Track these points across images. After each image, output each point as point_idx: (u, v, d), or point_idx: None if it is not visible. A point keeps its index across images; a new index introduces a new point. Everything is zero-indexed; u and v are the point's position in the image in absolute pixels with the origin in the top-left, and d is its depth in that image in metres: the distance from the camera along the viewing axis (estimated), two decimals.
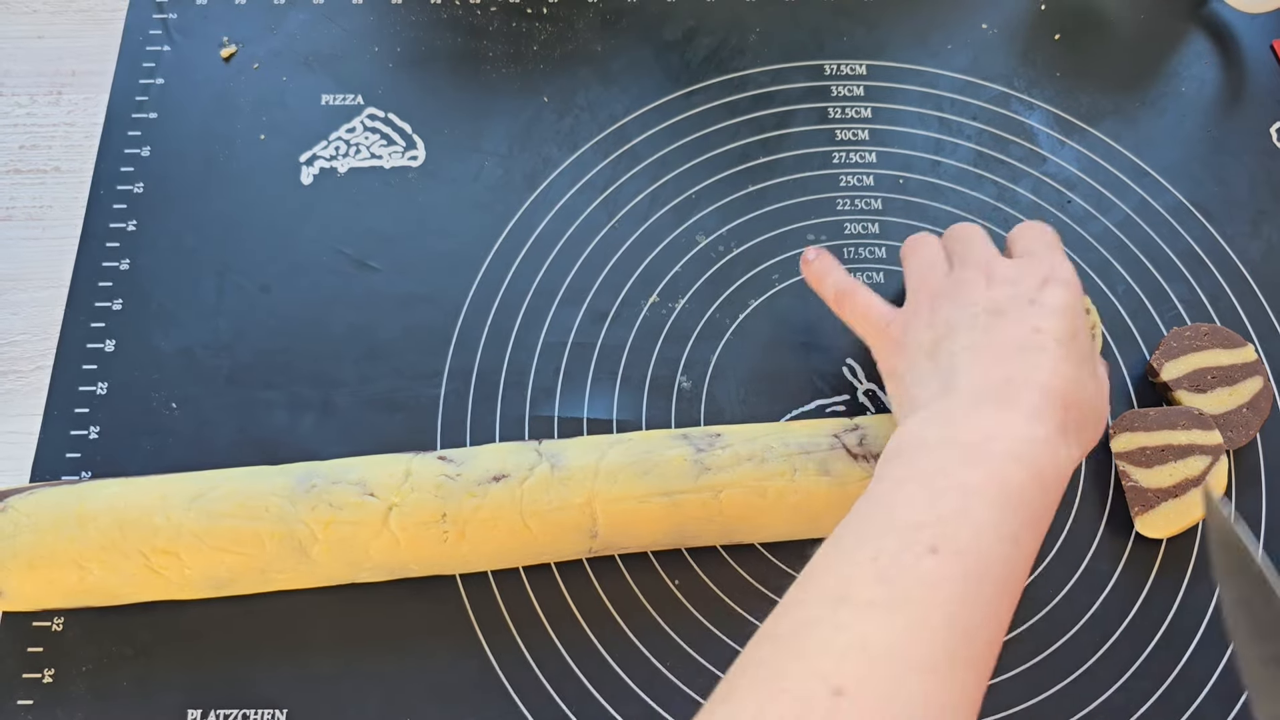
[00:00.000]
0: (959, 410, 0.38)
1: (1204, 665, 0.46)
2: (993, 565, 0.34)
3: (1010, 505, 0.35)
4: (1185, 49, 0.61)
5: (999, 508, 0.35)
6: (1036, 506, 0.36)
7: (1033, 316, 0.40)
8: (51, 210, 0.56)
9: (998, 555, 0.34)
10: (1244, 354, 0.50)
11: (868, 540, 0.35)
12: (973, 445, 0.36)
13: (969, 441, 0.37)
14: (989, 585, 0.34)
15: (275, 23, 0.61)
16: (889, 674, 0.31)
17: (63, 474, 0.50)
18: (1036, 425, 0.37)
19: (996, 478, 0.35)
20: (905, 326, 0.44)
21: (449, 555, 0.44)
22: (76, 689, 0.45)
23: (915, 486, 0.36)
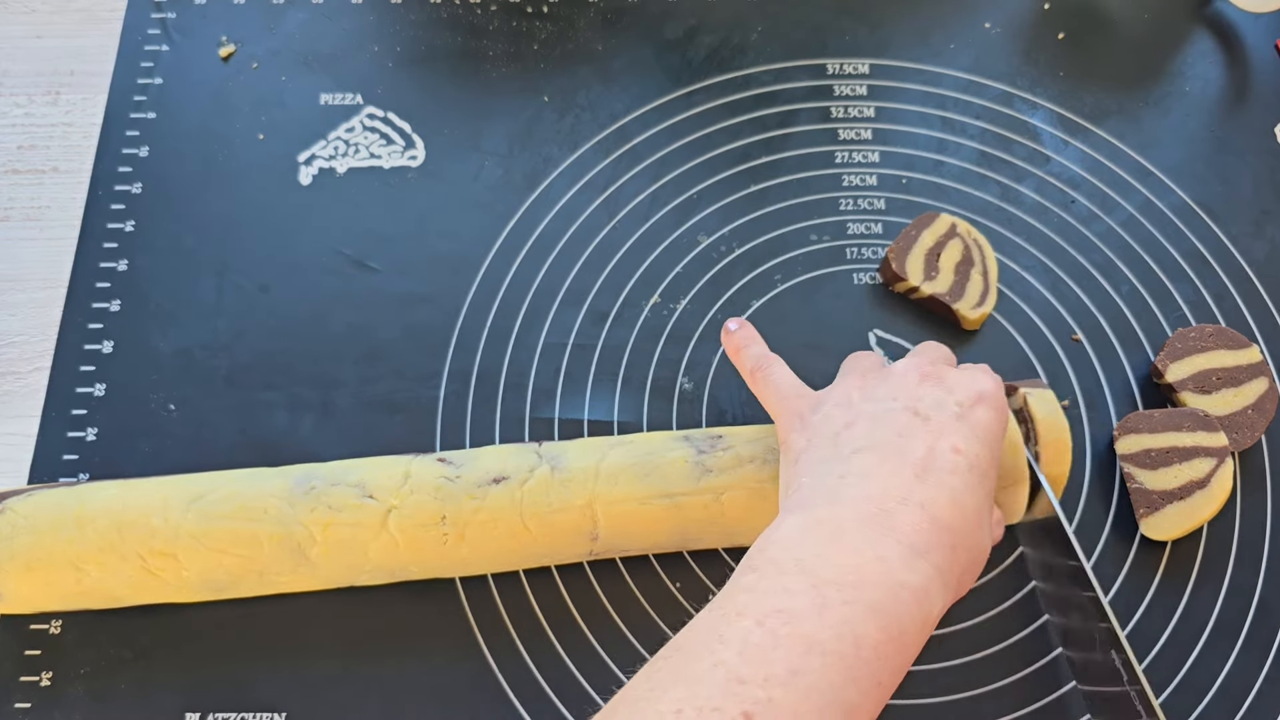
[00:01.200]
0: (840, 528, 0.34)
1: (1209, 669, 0.46)
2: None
3: (856, 670, 0.31)
4: (1189, 48, 0.60)
5: (841, 672, 0.31)
6: (888, 667, 0.32)
7: (955, 433, 0.37)
8: (49, 210, 0.56)
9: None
10: (1249, 355, 0.50)
11: (680, 682, 0.31)
12: (833, 585, 0.32)
13: (830, 579, 0.33)
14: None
15: (274, 22, 0.61)
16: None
17: (60, 476, 0.49)
18: (916, 565, 0.33)
19: (849, 635, 0.31)
20: (817, 403, 0.40)
21: (448, 557, 0.44)
22: (74, 692, 0.45)
23: (751, 623, 0.32)
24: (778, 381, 0.43)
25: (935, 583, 0.34)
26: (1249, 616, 0.47)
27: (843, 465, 0.37)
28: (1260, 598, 0.47)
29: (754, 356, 0.45)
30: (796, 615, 0.32)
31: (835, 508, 0.35)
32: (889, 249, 0.53)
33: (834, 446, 0.38)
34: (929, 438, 0.37)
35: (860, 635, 0.32)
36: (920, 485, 0.35)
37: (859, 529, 0.34)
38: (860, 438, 0.37)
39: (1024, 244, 0.55)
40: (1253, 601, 0.47)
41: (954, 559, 0.35)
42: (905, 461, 0.36)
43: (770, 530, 0.36)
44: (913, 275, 0.52)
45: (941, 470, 0.36)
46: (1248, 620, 0.47)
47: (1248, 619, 0.47)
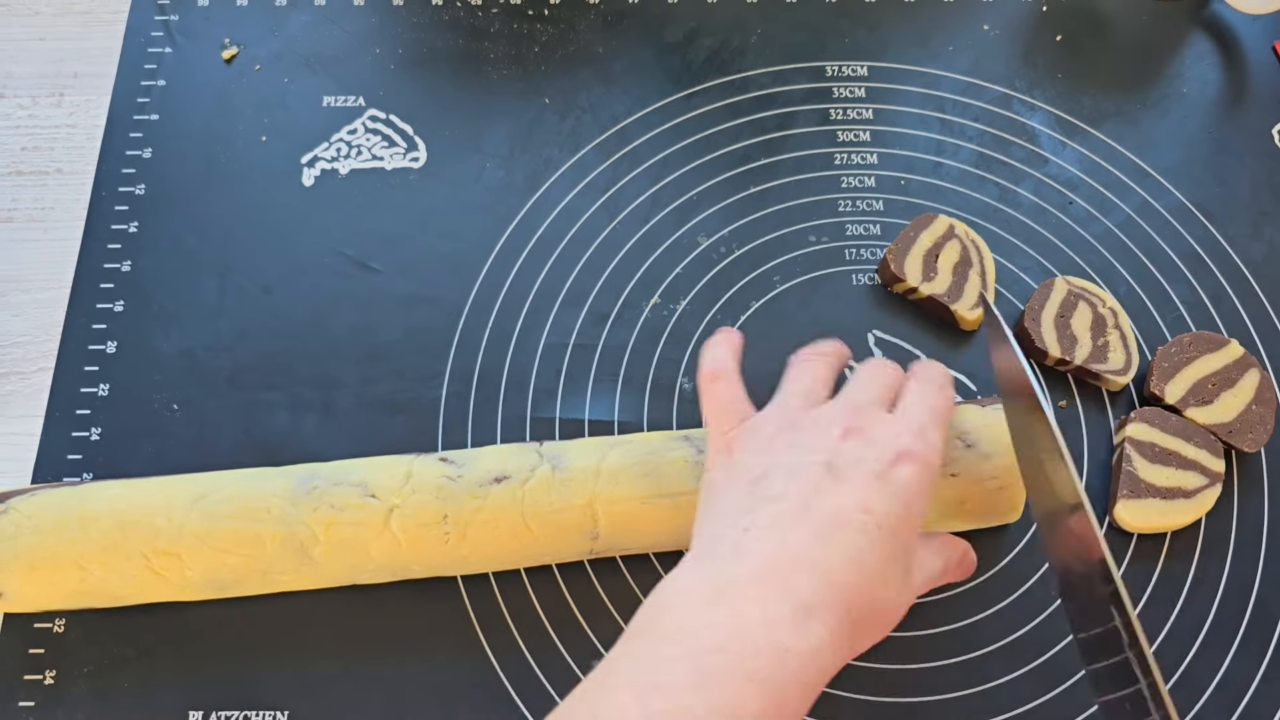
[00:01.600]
0: (732, 588, 0.34)
1: (1207, 666, 0.46)
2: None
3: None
4: (1187, 50, 0.61)
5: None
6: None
7: (868, 491, 0.36)
8: (53, 212, 0.56)
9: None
10: (1231, 351, 0.50)
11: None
12: (714, 653, 0.32)
13: (715, 645, 0.32)
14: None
15: (277, 24, 0.61)
16: None
17: (64, 475, 0.50)
18: (808, 625, 0.33)
19: (727, 707, 0.31)
20: (744, 439, 0.40)
21: (450, 556, 0.44)
22: (78, 690, 0.45)
23: (630, 699, 0.32)
24: (722, 400, 0.42)
25: (826, 644, 0.34)
26: (1247, 614, 0.47)
27: (748, 516, 0.36)
28: (1258, 596, 0.47)
29: (715, 361, 0.43)
30: (673, 690, 0.32)
31: (732, 563, 0.35)
32: (887, 250, 0.53)
33: (748, 496, 0.37)
34: (840, 498, 0.36)
35: (738, 707, 0.31)
36: (819, 545, 0.35)
37: (753, 589, 0.34)
38: (773, 487, 0.37)
39: (1022, 245, 0.55)
40: (1250, 599, 0.47)
41: (848, 620, 0.35)
42: (810, 519, 0.36)
43: (667, 582, 0.36)
44: (911, 276, 0.52)
45: (847, 530, 0.35)
46: (1245, 618, 0.47)
47: (1245, 617, 0.47)
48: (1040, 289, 0.52)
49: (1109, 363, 0.50)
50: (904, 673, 0.46)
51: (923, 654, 0.46)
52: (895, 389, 0.41)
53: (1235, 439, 0.48)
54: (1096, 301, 0.52)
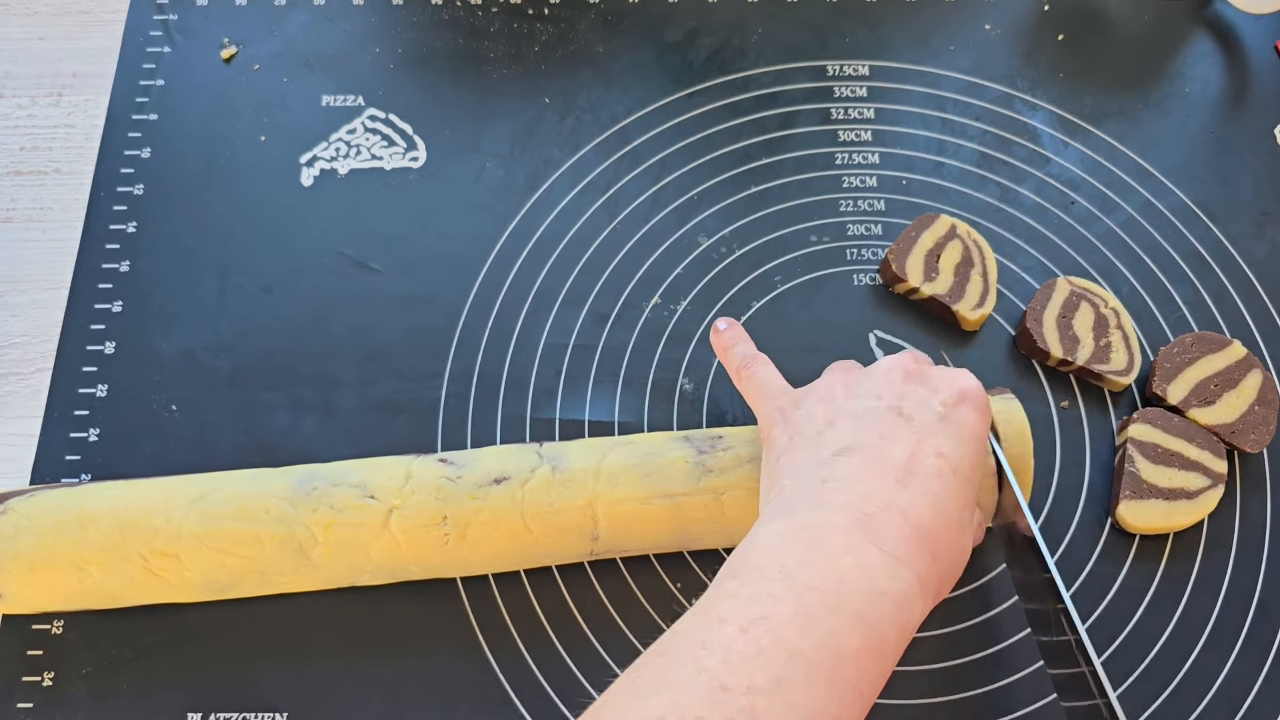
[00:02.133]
0: (822, 534, 0.34)
1: (1208, 669, 0.46)
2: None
3: (837, 677, 0.31)
4: (1189, 50, 0.61)
5: (822, 680, 0.31)
6: (869, 675, 0.32)
7: (938, 435, 0.37)
8: (52, 212, 0.56)
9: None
10: (1234, 351, 0.50)
11: (665, 688, 0.31)
12: (816, 591, 0.32)
13: (813, 585, 0.33)
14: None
15: (276, 24, 0.61)
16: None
17: (63, 476, 0.49)
18: (898, 572, 0.34)
19: (828, 643, 0.31)
20: (799, 400, 0.40)
21: (450, 558, 0.44)
22: (76, 692, 0.45)
23: (735, 630, 0.31)
24: (762, 380, 0.43)
25: (915, 590, 0.34)
26: (1248, 617, 0.47)
27: (825, 468, 0.36)
28: (1260, 598, 0.47)
29: (740, 355, 0.45)
30: (779, 623, 0.32)
31: (817, 513, 0.35)
32: (889, 250, 0.53)
33: (816, 446, 0.38)
34: (912, 441, 0.36)
35: (841, 644, 0.32)
36: (902, 491, 0.35)
37: (841, 536, 0.34)
38: (843, 437, 0.37)
39: (1024, 245, 0.55)
40: (1252, 602, 0.47)
41: (934, 566, 0.35)
42: (888, 466, 0.36)
43: (752, 536, 0.36)
44: (913, 276, 0.52)
45: (924, 475, 0.36)
46: (1247, 621, 0.47)
47: (1247, 620, 0.47)
48: (1042, 289, 0.52)
49: (1111, 363, 0.50)
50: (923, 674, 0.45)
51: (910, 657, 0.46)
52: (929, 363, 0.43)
53: (1238, 439, 0.48)
54: (1099, 302, 0.52)
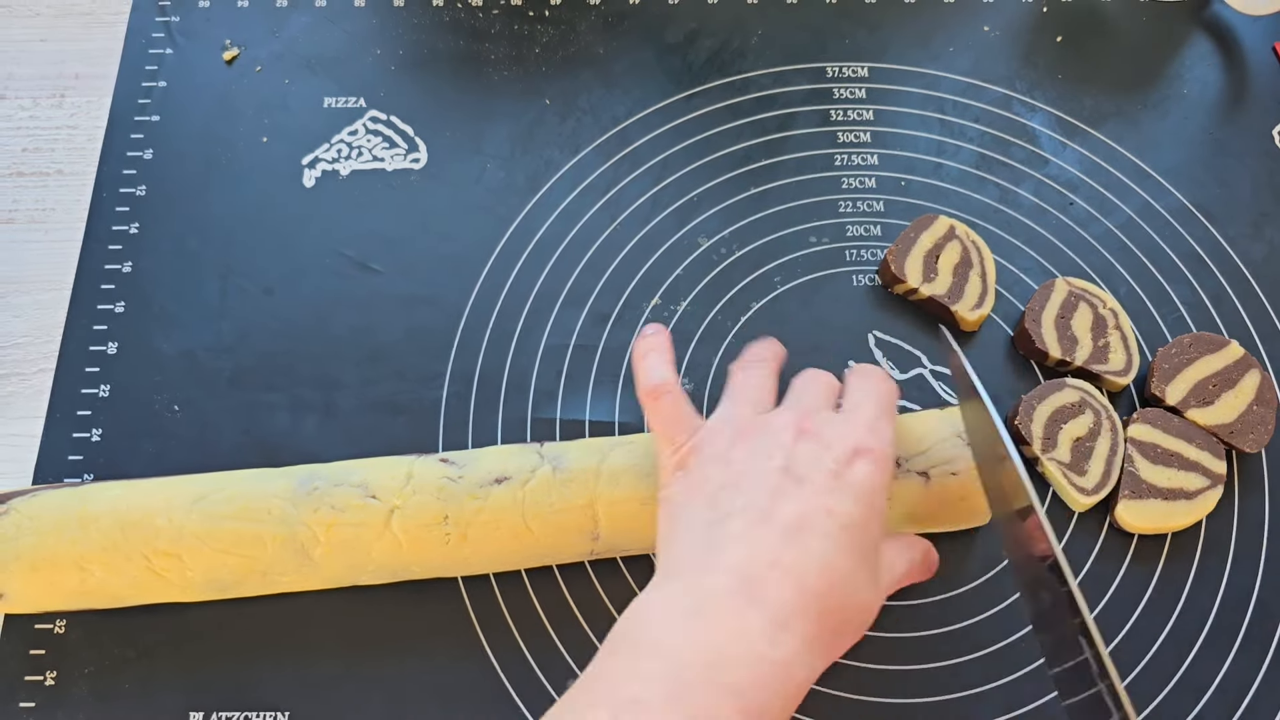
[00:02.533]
0: (706, 601, 0.34)
1: (1207, 669, 0.46)
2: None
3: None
4: (1187, 51, 0.61)
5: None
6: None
7: (829, 494, 0.36)
8: (54, 213, 0.56)
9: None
10: (1232, 352, 0.50)
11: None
12: (691, 667, 0.32)
13: (689, 661, 0.33)
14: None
15: (277, 25, 0.61)
16: None
17: (65, 476, 0.50)
18: (779, 638, 0.33)
19: (706, 719, 0.31)
20: (699, 453, 0.40)
21: (451, 557, 0.44)
22: (78, 691, 0.45)
23: (605, 715, 0.32)
24: (669, 416, 0.42)
25: (801, 654, 0.34)
26: (1247, 617, 0.47)
27: (715, 530, 0.36)
28: (1258, 598, 0.47)
29: (653, 375, 0.43)
30: (652, 706, 0.31)
31: (703, 576, 0.35)
32: (888, 251, 0.53)
33: (710, 508, 0.37)
34: (800, 502, 0.36)
35: (717, 719, 0.31)
36: (787, 549, 0.35)
37: (724, 600, 0.34)
38: (737, 498, 0.37)
39: (1022, 246, 0.55)
40: (1250, 602, 0.47)
41: (822, 625, 0.35)
42: (775, 525, 0.35)
43: (639, 601, 0.36)
44: (911, 277, 0.52)
45: (811, 534, 0.35)
46: (1245, 621, 0.47)
47: (1245, 620, 0.47)
48: (1041, 290, 0.52)
49: (1110, 364, 0.50)
50: (898, 674, 0.46)
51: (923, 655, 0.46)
52: (837, 391, 0.42)
53: (1236, 440, 0.48)
54: (1097, 302, 0.52)
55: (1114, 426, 0.48)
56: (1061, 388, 0.49)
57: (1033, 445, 0.48)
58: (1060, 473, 0.48)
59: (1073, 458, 0.48)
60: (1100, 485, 0.47)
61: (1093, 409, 0.49)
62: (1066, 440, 0.48)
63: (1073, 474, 0.48)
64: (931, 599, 0.47)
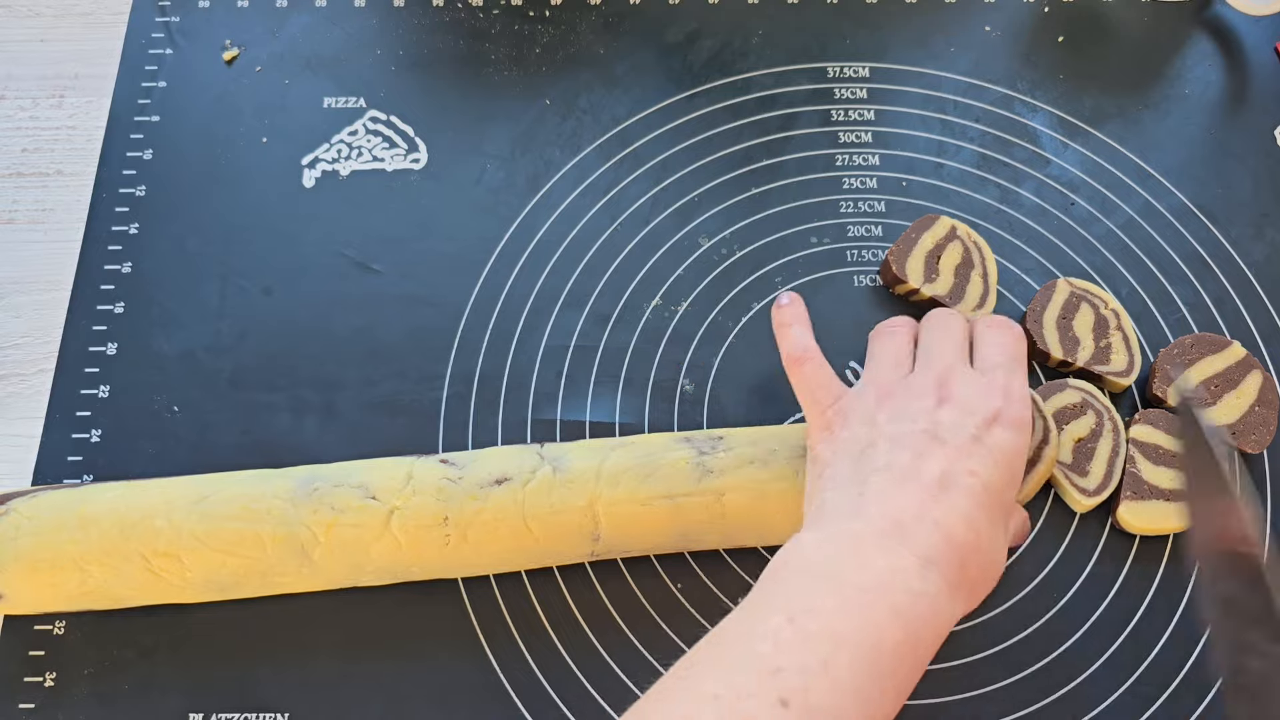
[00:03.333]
0: (859, 541, 0.36)
1: (1208, 669, 0.46)
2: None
3: (878, 666, 0.33)
4: (1188, 51, 0.61)
5: (865, 667, 0.33)
6: (906, 668, 0.34)
7: (971, 456, 0.38)
8: (54, 213, 0.56)
9: (853, 718, 0.32)
10: (1234, 353, 0.50)
11: (719, 671, 0.33)
12: (857, 588, 0.35)
13: (854, 582, 0.35)
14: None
15: (277, 26, 0.61)
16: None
17: (64, 477, 0.50)
18: (929, 576, 0.35)
19: (871, 633, 0.34)
20: (846, 416, 0.41)
21: (451, 558, 0.44)
22: (78, 692, 0.45)
23: (783, 620, 0.34)
24: (813, 382, 0.44)
25: (945, 594, 0.36)
26: None
27: (863, 484, 0.38)
28: None
29: (795, 343, 0.45)
30: (824, 613, 0.34)
31: (854, 523, 0.37)
32: (889, 251, 0.53)
33: (856, 466, 0.39)
34: (945, 461, 0.38)
35: (882, 635, 0.34)
36: (935, 505, 0.37)
37: (877, 541, 0.36)
38: (881, 457, 0.39)
39: (1024, 246, 0.55)
40: None
41: (964, 573, 0.36)
42: (922, 482, 0.37)
43: (793, 542, 0.37)
44: (913, 278, 0.52)
45: (957, 492, 0.37)
46: None
47: None
48: (1042, 290, 0.52)
49: (1111, 364, 0.50)
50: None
51: None
52: (968, 335, 0.44)
53: (1238, 440, 0.48)
54: (1099, 303, 0.52)
55: (1116, 427, 0.48)
56: (1063, 388, 0.49)
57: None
58: (1062, 474, 0.48)
59: (1075, 458, 0.48)
60: (1102, 486, 0.47)
61: (1095, 410, 0.49)
62: (1068, 441, 0.48)
63: (1074, 475, 0.48)
64: None
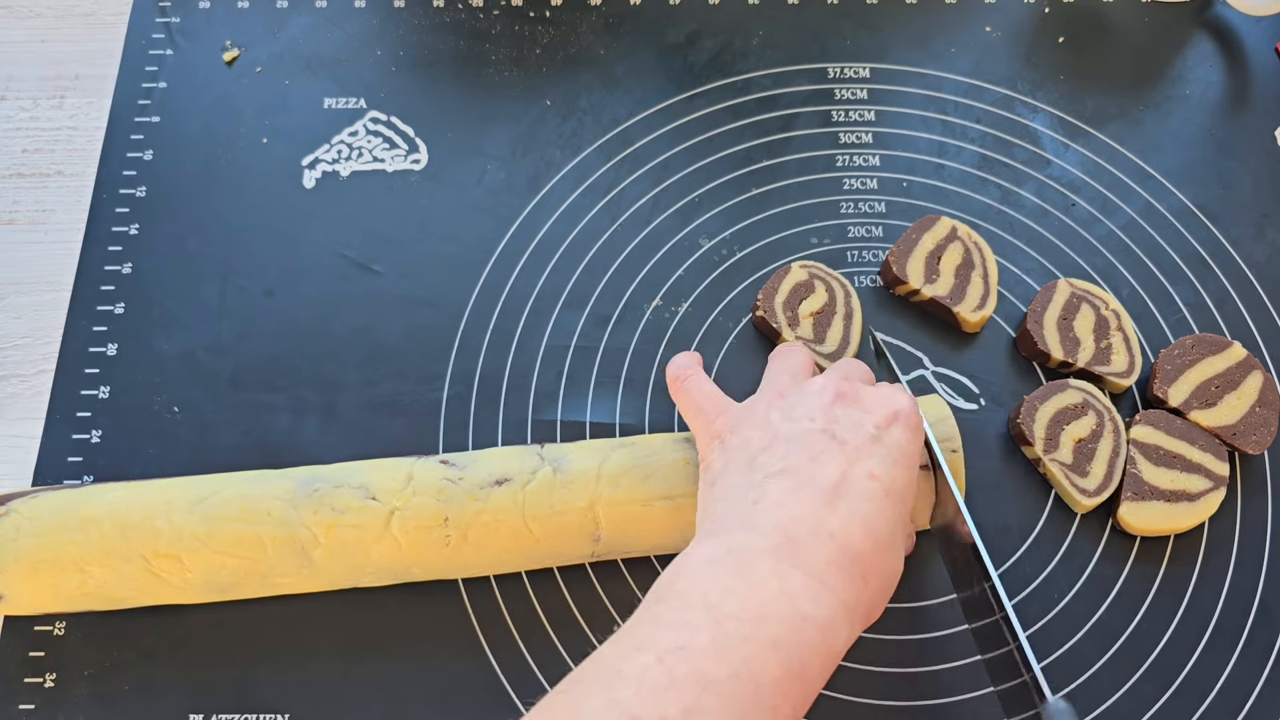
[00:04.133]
0: (747, 558, 0.34)
1: (1210, 671, 0.46)
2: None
3: (753, 707, 0.31)
4: (1189, 52, 0.61)
5: (738, 710, 0.31)
6: (789, 702, 0.32)
7: (870, 457, 0.36)
8: (54, 214, 0.56)
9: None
10: (1234, 353, 0.50)
11: (575, 718, 0.31)
12: (734, 620, 0.32)
13: (732, 614, 0.32)
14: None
15: (278, 26, 0.61)
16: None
17: (65, 478, 0.49)
18: (821, 598, 0.33)
19: (747, 673, 0.31)
20: (736, 422, 0.40)
21: (451, 559, 0.44)
22: (78, 693, 0.45)
23: (651, 659, 0.31)
24: (697, 395, 0.42)
25: (841, 615, 0.34)
26: (1250, 618, 0.47)
27: (757, 490, 0.36)
28: (1261, 600, 0.47)
29: (675, 365, 0.45)
30: (695, 652, 0.32)
31: (746, 535, 0.35)
32: (890, 252, 0.53)
33: (750, 471, 0.37)
34: (844, 462, 0.36)
35: (759, 672, 0.32)
36: (832, 514, 0.35)
37: (767, 560, 0.34)
38: (776, 461, 0.37)
39: (1024, 247, 0.55)
40: (1253, 603, 0.47)
41: (863, 589, 0.35)
42: (818, 488, 0.36)
43: (682, 558, 0.36)
44: (913, 278, 0.52)
45: (855, 497, 0.36)
46: (1248, 623, 0.47)
47: (1248, 621, 0.47)
48: (1043, 291, 0.52)
49: (1112, 365, 0.50)
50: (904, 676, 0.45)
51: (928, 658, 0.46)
52: (869, 377, 0.43)
53: (1239, 441, 0.48)
54: (1099, 304, 0.52)
55: (1116, 428, 0.48)
56: (1064, 389, 0.49)
57: (1035, 446, 0.48)
58: (1062, 474, 0.48)
59: (1075, 459, 0.48)
60: (1102, 487, 0.47)
61: (1095, 410, 0.49)
62: (1069, 441, 0.48)
63: (1075, 475, 0.48)
64: (940, 600, 0.47)
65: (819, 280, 0.52)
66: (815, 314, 0.51)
